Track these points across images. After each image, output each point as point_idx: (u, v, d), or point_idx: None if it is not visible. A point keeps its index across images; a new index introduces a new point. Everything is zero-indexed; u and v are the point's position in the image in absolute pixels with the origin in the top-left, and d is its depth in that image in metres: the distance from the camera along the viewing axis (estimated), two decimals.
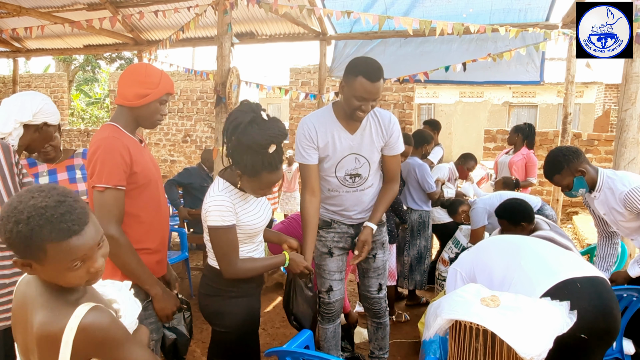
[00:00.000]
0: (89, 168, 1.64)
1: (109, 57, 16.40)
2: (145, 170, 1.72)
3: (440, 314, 1.17)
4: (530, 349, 1.04)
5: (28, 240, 0.93)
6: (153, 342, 1.71)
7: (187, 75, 9.83)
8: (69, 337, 0.93)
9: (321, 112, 2.26)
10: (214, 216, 1.71)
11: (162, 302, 1.69)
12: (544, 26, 4.89)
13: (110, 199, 1.59)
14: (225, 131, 1.75)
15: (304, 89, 8.78)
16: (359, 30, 5.74)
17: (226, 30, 3.68)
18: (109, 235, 1.55)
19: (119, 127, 1.71)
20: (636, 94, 2.71)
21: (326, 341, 2.47)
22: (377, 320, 2.55)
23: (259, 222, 1.84)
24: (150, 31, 6.37)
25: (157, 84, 1.70)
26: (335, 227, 2.36)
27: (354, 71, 2.04)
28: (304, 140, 2.19)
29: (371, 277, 2.45)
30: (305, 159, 2.20)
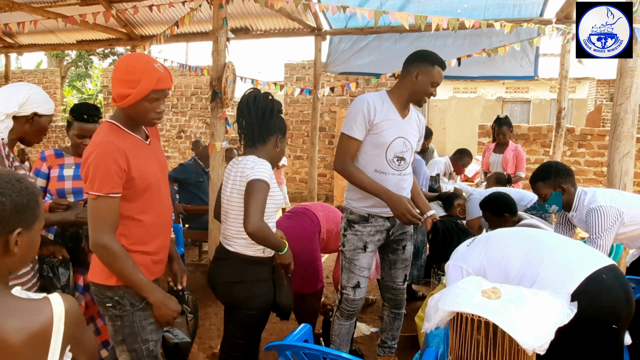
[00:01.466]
0: (82, 171, 1.57)
1: (101, 52, 16.25)
2: (144, 175, 1.63)
3: (442, 306, 1.18)
4: (532, 340, 1.06)
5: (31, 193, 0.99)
6: (153, 342, 1.68)
7: (181, 71, 9.78)
8: (59, 326, 0.94)
9: (377, 94, 2.37)
10: (261, 171, 1.84)
11: (163, 309, 1.64)
12: (538, 21, 4.91)
13: (103, 207, 1.53)
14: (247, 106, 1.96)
15: (299, 84, 8.77)
16: (354, 26, 5.73)
17: (222, 24, 3.66)
18: (101, 244, 1.52)
19: (118, 126, 1.63)
20: (631, 88, 2.72)
21: (339, 337, 2.50)
22: (396, 310, 2.64)
23: (281, 199, 2.02)
24: (144, 26, 6.32)
25: (138, 82, 1.52)
26: (372, 221, 2.38)
27: (431, 61, 2.30)
28: (360, 115, 2.27)
29: (399, 268, 2.54)
30: (354, 133, 2.29)
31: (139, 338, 1.64)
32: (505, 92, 15.33)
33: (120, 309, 1.61)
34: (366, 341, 3.23)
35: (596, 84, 18.31)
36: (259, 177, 1.82)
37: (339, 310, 2.47)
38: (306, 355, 1.45)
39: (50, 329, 0.93)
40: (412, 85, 2.31)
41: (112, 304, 1.62)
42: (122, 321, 1.63)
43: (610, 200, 2.31)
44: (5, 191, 0.96)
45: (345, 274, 2.42)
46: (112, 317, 1.64)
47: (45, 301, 0.96)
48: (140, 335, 1.64)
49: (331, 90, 6.17)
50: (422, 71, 2.29)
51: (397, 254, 2.50)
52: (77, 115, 2.34)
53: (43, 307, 0.94)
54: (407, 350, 3.00)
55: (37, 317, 0.92)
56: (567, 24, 4.78)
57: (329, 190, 8.96)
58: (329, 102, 8.79)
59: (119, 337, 1.65)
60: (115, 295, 1.61)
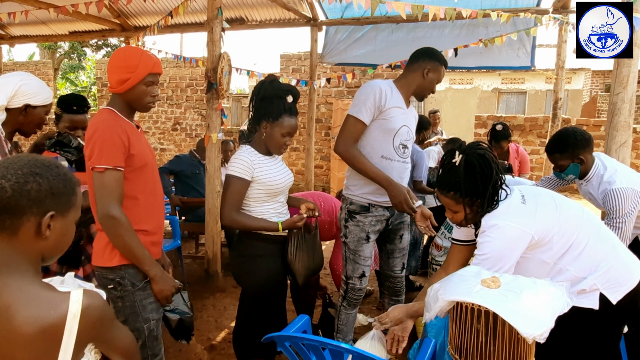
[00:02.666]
0: (87, 149, 1.63)
1: (95, 44, 16.08)
2: (142, 154, 1.72)
3: (442, 296, 1.18)
4: (532, 329, 1.06)
5: (69, 180, 0.99)
6: (154, 322, 1.74)
7: (175, 62, 9.70)
8: (73, 324, 0.90)
9: (386, 82, 2.38)
10: (230, 166, 2.01)
11: (161, 284, 1.70)
12: (534, 11, 4.89)
13: (111, 180, 1.59)
14: (253, 93, 2.09)
15: (295, 75, 8.71)
16: (350, 16, 5.68)
17: (216, 14, 3.62)
18: (111, 215, 1.59)
19: (115, 112, 1.71)
20: (628, 77, 2.72)
21: (347, 325, 2.57)
22: (396, 298, 2.67)
23: (280, 181, 2.08)
24: (138, 17, 6.24)
25: (136, 67, 1.66)
26: (373, 210, 2.40)
27: (441, 60, 2.40)
28: (371, 99, 2.26)
29: (396, 257, 2.57)
30: (362, 116, 2.26)
31: (140, 317, 1.70)
32: (501, 83, 15.32)
33: (122, 289, 1.67)
34: (364, 331, 3.22)
35: (591, 74, 18.33)
36: (230, 173, 2.00)
37: (345, 300, 2.51)
38: (305, 346, 1.45)
39: (63, 327, 0.90)
40: (421, 80, 2.38)
41: (114, 285, 1.67)
42: (122, 302, 1.68)
43: (629, 182, 2.23)
44: (43, 173, 0.96)
45: (350, 265, 2.45)
46: (113, 299, 1.69)
47: (65, 296, 0.93)
48: (141, 315, 1.70)
49: (327, 81, 6.14)
50: (433, 69, 2.36)
51: (394, 244, 2.53)
52: (67, 107, 2.32)
53: (60, 302, 0.91)
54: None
55: (52, 311, 0.90)
56: (564, 13, 4.77)
57: (325, 182, 8.96)
58: (325, 93, 8.75)
59: (120, 317, 1.69)
60: (117, 276, 1.67)
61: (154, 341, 1.75)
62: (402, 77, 2.44)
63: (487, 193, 1.57)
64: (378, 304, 3.68)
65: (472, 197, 1.60)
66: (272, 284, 2.07)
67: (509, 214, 1.58)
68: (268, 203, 2.07)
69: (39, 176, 0.95)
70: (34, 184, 0.94)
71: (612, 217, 2.21)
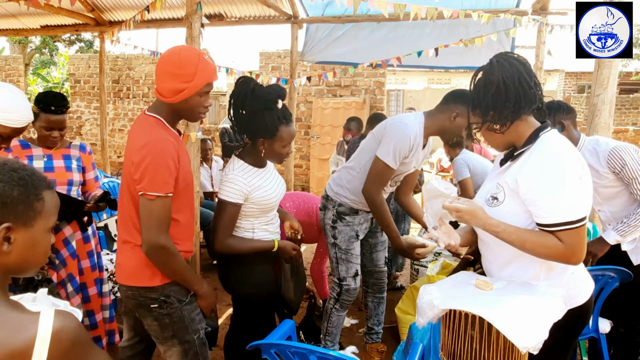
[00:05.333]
0: (136, 172, 1.49)
1: (67, 39, 15.59)
2: (186, 173, 1.63)
3: (438, 304, 1.14)
4: (526, 340, 1.03)
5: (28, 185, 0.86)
6: (203, 330, 1.73)
7: (152, 59, 9.46)
8: (42, 350, 0.80)
9: (418, 125, 2.23)
10: (223, 190, 1.88)
11: (209, 299, 1.71)
12: (514, 12, 4.94)
13: (161, 207, 1.50)
14: (234, 106, 1.88)
15: (274, 73, 8.61)
16: (332, 14, 5.63)
17: (195, 9, 3.52)
18: (161, 245, 1.51)
19: (164, 122, 1.57)
20: (608, 79, 2.76)
21: (337, 327, 2.57)
22: (380, 295, 2.69)
23: (273, 198, 1.95)
24: (113, 11, 6.05)
25: (193, 76, 1.49)
26: (361, 212, 2.46)
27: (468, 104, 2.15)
28: (405, 148, 2.18)
29: (379, 250, 2.60)
30: (395, 164, 2.20)
31: (190, 329, 1.67)
32: None
33: (168, 307, 1.62)
34: (346, 333, 3.21)
35: (564, 76, 18.78)
36: (224, 198, 1.87)
37: (338, 302, 2.50)
38: (292, 353, 1.39)
39: (30, 353, 0.79)
40: (448, 124, 2.20)
41: (158, 304, 1.61)
42: (171, 318, 1.63)
43: (611, 142, 2.17)
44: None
45: (344, 265, 2.44)
46: (157, 317, 1.63)
47: (34, 318, 0.82)
48: (191, 327, 1.67)
49: (308, 79, 6.08)
50: (462, 113, 2.16)
51: (376, 237, 2.59)
52: (44, 106, 2.19)
53: (28, 325, 0.81)
54: (388, 342, 3.00)
55: (18, 335, 0.80)
56: (543, 15, 4.83)
57: (304, 182, 8.89)
58: (305, 92, 8.69)
59: (167, 333, 1.65)
60: (161, 295, 1.61)
61: (204, 347, 1.74)
62: (432, 115, 2.28)
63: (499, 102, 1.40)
64: (359, 304, 3.65)
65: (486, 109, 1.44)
66: (263, 292, 2.01)
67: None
68: (261, 217, 1.98)
69: None
70: None
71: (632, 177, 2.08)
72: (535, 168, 1.36)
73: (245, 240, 1.96)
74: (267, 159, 1.97)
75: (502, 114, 1.42)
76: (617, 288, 2.23)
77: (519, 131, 1.45)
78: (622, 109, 15.06)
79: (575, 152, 1.36)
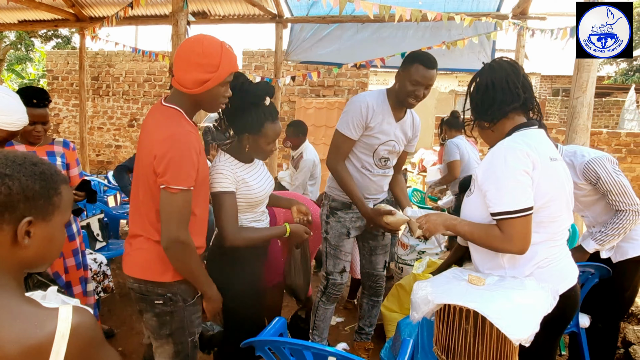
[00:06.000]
0: (159, 165, 1.44)
1: (44, 34, 15.19)
2: (204, 166, 1.60)
3: (433, 299, 1.17)
4: (519, 333, 1.07)
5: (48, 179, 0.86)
6: (197, 335, 1.71)
7: (133, 56, 9.32)
8: (61, 345, 0.80)
9: (376, 94, 2.34)
10: (214, 182, 1.81)
11: (215, 303, 1.69)
12: (495, 16, 5.05)
13: (183, 201, 1.47)
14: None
15: (258, 72, 8.58)
16: (316, 14, 5.66)
17: (182, 7, 3.50)
18: (181, 240, 1.48)
19: (184, 114, 1.54)
20: (587, 82, 2.85)
21: (324, 321, 2.57)
22: (375, 298, 2.68)
23: (260, 192, 1.93)
24: (94, 7, 5.95)
25: (218, 66, 1.46)
26: (354, 208, 2.44)
27: (412, 59, 2.22)
28: (357, 116, 2.27)
29: (379, 254, 2.57)
30: (350, 133, 2.29)
31: (187, 331, 1.65)
32: (458, 85, 15.78)
33: (172, 305, 1.59)
34: (332, 331, 3.23)
35: (540, 79, 19.24)
36: (217, 190, 1.82)
37: (325, 295, 2.53)
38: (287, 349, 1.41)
39: (49, 348, 0.79)
40: (397, 87, 2.28)
41: (163, 301, 1.59)
42: (171, 317, 1.61)
43: (592, 153, 2.24)
44: (14, 174, 0.84)
45: (332, 260, 2.48)
46: (159, 313, 1.61)
47: (53, 313, 0.82)
48: (187, 329, 1.65)
49: (292, 79, 6.08)
50: (403, 71, 2.24)
51: (377, 240, 2.56)
52: (26, 100, 2.14)
53: (47, 320, 0.80)
54: (373, 339, 3.02)
55: (38, 330, 0.79)
56: (523, 19, 4.95)
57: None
58: (288, 91, 8.68)
59: (165, 331, 1.63)
60: (168, 292, 1.58)
61: (194, 350, 1.72)
62: (391, 87, 2.35)
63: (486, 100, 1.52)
64: (345, 303, 3.68)
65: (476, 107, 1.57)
66: (253, 291, 1.99)
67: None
68: (248, 213, 1.95)
69: (8, 177, 0.83)
70: (2, 187, 0.82)
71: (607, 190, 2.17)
72: (486, 161, 1.48)
73: (256, 229, 1.94)
74: (252, 154, 1.95)
75: (489, 112, 1.53)
76: (596, 284, 2.31)
77: (504, 129, 1.55)
78: (594, 111, 15.51)
79: (527, 148, 1.43)
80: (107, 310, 3.37)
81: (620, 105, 15.01)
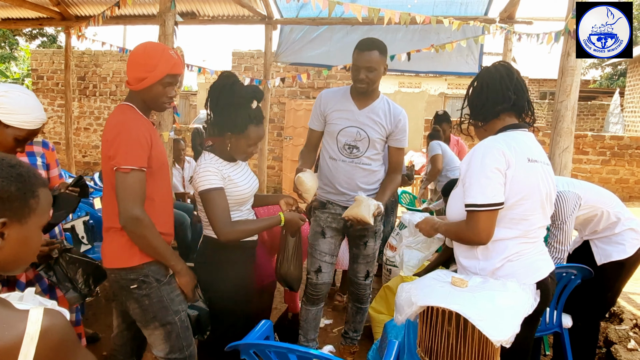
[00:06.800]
0: (110, 149, 1.58)
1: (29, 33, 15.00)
2: (161, 154, 1.71)
3: (416, 300, 1.18)
4: (500, 334, 1.08)
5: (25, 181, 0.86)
6: (184, 312, 1.76)
7: (120, 56, 9.23)
8: (30, 347, 0.79)
9: (339, 89, 2.50)
10: (201, 181, 1.83)
11: (186, 276, 1.74)
12: (483, 20, 5.10)
13: (136, 181, 1.57)
14: (211, 97, 1.91)
15: (247, 74, 8.56)
16: (306, 16, 5.66)
17: (169, 6, 3.47)
18: (136, 216, 1.56)
19: (135, 108, 1.68)
20: (571, 86, 2.89)
21: (307, 322, 2.56)
22: (358, 304, 2.68)
23: (246, 190, 1.96)
24: (80, 6, 5.88)
25: (155, 66, 1.62)
26: (330, 207, 2.48)
27: (355, 47, 2.30)
28: (316, 106, 2.47)
29: (360, 263, 2.56)
30: (312, 124, 2.51)
31: (171, 310, 1.70)
32: (447, 88, 15.89)
33: (147, 287, 1.66)
34: (321, 333, 3.22)
35: (528, 82, 19.48)
36: (206, 187, 1.84)
37: (305, 295, 2.53)
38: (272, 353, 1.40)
39: (17, 350, 0.78)
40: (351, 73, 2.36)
41: (137, 285, 1.66)
42: (149, 299, 1.67)
43: (568, 185, 2.34)
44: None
45: (309, 259, 2.50)
46: (137, 299, 1.67)
47: (22, 315, 0.81)
48: (171, 308, 1.70)
49: (282, 81, 6.07)
50: (352, 60, 2.31)
51: (359, 249, 2.53)
52: None
53: (17, 323, 0.80)
54: (362, 341, 3.02)
55: (7, 332, 0.78)
56: (510, 23, 5.01)
57: (277, 183, 8.88)
58: (278, 93, 8.67)
59: (149, 315, 1.68)
60: (139, 275, 1.65)
61: (186, 331, 1.76)
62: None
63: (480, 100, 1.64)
64: (335, 296, 3.69)
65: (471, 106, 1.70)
66: (241, 293, 1.98)
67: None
68: (235, 212, 1.95)
69: None
70: None
71: (556, 220, 2.31)
72: (468, 156, 1.61)
73: (250, 221, 1.97)
74: (232, 154, 1.96)
75: (482, 111, 1.65)
76: (578, 285, 2.35)
77: (495, 128, 1.65)
78: (580, 115, 15.77)
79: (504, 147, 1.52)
80: (92, 314, 3.32)
81: (605, 108, 15.26)
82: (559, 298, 2.36)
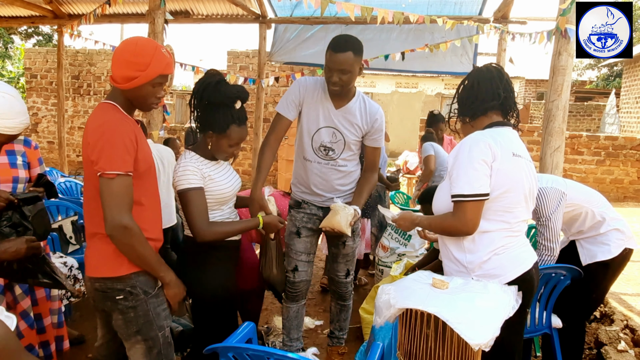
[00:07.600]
0: (93, 153, 1.47)
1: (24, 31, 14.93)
2: (147, 156, 1.62)
3: (395, 303, 1.15)
4: (479, 338, 1.05)
5: None
6: (168, 329, 1.68)
7: None
8: None
9: (320, 80, 2.31)
10: (179, 180, 1.81)
11: (175, 289, 1.66)
12: (477, 20, 5.08)
13: (122, 186, 1.47)
14: (195, 94, 1.86)
15: (242, 73, 8.53)
16: (300, 15, 5.64)
17: (159, 4, 3.44)
18: (123, 225, 1.46)
19: (118, 107, 1.57)
20: (562, 86, 2.87)
21: (288, 320, 2.53)
22: (341, 302, 2.65)
23: (228, 189, 1.93)
24: (72, 4, 5.84)
25: (147, 65, 1.52)
26: (305, 207, 2.43)
27: (328, 47, 2.15)
28: (293, 93, 2.29)
29: (340, 262, 2.53)
30: (284, 111, 2.30)
31: (155, 325, 1.62)
32: (444, 89, 15.90)
33: (133, 299, 1.57)
34: (311, 334, 3.20)
35: (525, 83, 19.49)
36: (185, 187, 1.81)
37: (284, 292, 2.51)
38: (249, 356, 1.37)
39: None
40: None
41: (124, 296, 1.56)
42: (135, 311, 1.58)
43: (551, 182, 2.33)
44: None
45: (286, 258, 2.47)
46: (122, 310, 1.58)
47: None
48: (155, 322, 1.62)
49: (276, 80, 6.05)
50: (325, 60, 2.18)
51: (338, 248, 2.51)
52: None
53: None
54: (352, 342, 3.00)
55: None
56: (504, 23, 4.99)
57: (272, 183, 8.84)
58: (273, 92, 8.64)
59: (132, 328, 1.59)
60: (126, 285, 1.56)
61: (168, 347, 1.69)
62: None
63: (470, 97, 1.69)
64: (324, 305, 3.66)
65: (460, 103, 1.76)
66: (223, 294, 1.95)
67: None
68: (216, 211, 1.93)
69: None
70: None
71: (540, 217, 2.28)
72: (456, 149, 1.64)
73: (228, 222, 1.93)
74: (214, 153, 1.92)
75: (471, 107, 1.70)
76: (567, 285, 2.32)
77: (482, 125, 1.70)
78: (577, 115, 15.78)
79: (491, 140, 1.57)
80: (78, 315, 3.28)
81: (601, 109, 15.27)
82: (548, 298, 2.33)
